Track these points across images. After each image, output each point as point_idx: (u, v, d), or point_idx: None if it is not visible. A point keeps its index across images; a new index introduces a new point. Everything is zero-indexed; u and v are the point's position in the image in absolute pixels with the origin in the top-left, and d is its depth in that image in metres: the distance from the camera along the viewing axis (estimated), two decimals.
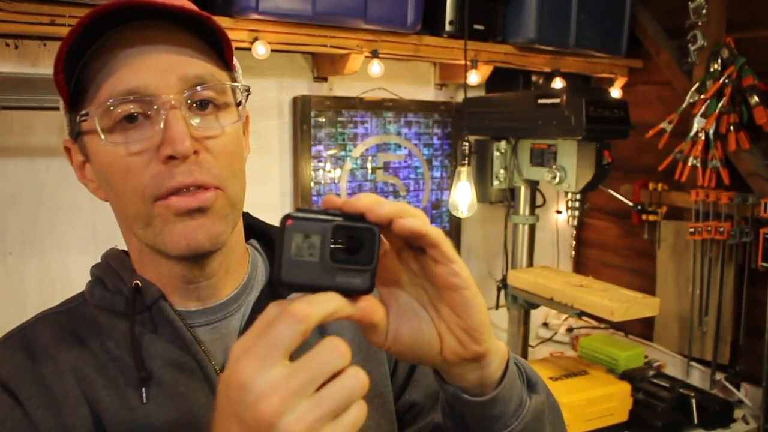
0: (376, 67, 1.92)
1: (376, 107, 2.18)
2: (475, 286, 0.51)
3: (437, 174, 2.35)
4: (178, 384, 0.65)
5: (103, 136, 0.60)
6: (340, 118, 2.12)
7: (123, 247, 0.73)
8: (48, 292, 1.69)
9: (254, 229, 0.80)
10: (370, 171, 2.20)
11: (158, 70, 0.59)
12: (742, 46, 2.09)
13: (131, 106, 0.59)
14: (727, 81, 2.07)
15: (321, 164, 2.09)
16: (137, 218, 0.63)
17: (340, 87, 2.12)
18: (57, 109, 0.72)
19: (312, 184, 2.09)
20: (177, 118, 0.59)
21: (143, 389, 0.64)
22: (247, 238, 0.77)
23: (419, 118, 2.28)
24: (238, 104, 0.67)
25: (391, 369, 0.76)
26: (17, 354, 0.65)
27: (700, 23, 2.15)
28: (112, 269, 0.70)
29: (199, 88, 0.61)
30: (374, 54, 1.88)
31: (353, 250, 0.47)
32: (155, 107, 0.59)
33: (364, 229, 0.47)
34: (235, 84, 0.66)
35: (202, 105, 0.62)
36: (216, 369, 0.67)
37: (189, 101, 0.61)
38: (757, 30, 2.09)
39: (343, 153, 2.14)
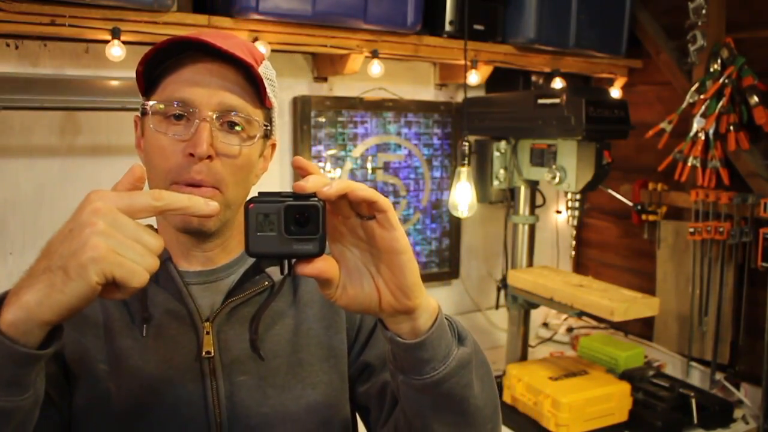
0: (376, 67, 1.92)
1: (376, 107, 2.18)
2: (411, 252, 0.63)
3: (437, 174, 2.35)
4: (171, 327, 0.84)
5: (152, 125, 0.79)
6: (340, 118, 2.12)
7: None
8: None
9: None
10: (370, 171, 2.20)
11: (207, 92, 0.79)
12: (741, 46, 2.09)
13: (179, 110, 0.79)
14: (726, 81, 2.07)
15: (321, 164, 2.09)
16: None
17: (340, 87, 2.12)
18: (57, 109, 0.76)
19: None
20: (205, 128, 0.77)
21: (144, 326, 0.83)
22: None
23: (419, 118, 2.28)
24: (266, 136, 0.86)
25: (352, 337, 0.93)
26: None
27: (699, 23, 2.15)
28: None
29: (231, 113, 0.80)
30: (374, 54, 1.88)
31: (303, 223, 0.58)
32: (194, 115, 0.78)
33: (309, 206, 0.58)
34: (255, 114, 0.83)
35: (231, 125, 0.80)
36: (202, 318, 0.84)
37: (221, 121, 0.80)
38: (757, 30, 2.09)
39: (343, 153, 2.14)
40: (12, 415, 0.59)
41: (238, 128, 0.81)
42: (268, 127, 0.86)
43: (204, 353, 0.83)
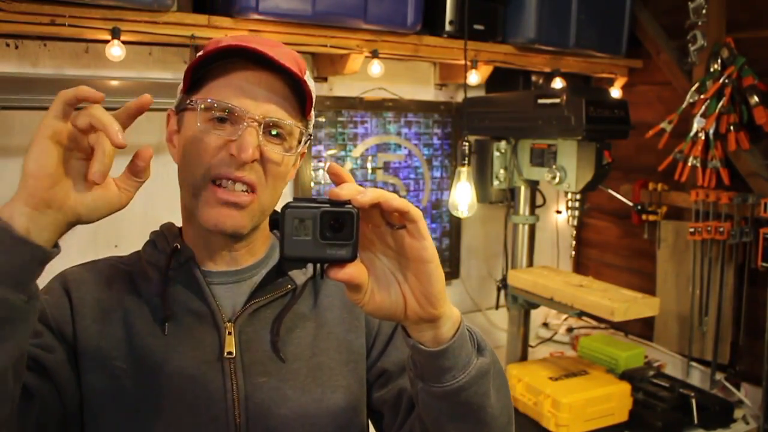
0: (376, 67, 1.92)
1: (376, 107, 2.18)
2: (438, 261, 0.64)
3: (437, 174, 2.35)
4: (192, 326, 0.85)
5: (199, 122, 0.80)
6: (340, 118, 2.12)
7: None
8: None
9: (279, 222, 0.93)
10: (370, 171, 2.20)
11: (254, 103, 0.80)
12: (742, 46, 2.09)
13: (225, 114, 0.80)
14: (727, 81, 2.07)
15: (321, 164, 2.09)
16: (191, 186, 0.82)
17: (340, 87, 2.12)
18: None
19: (312, 184, 2.09)
20: (251, 133, 0.78)
21: (166, 324, 0.84)
22: (273, 228, 0.96)
23: (419, 118, 2.28)
24: (303, 143, 0.87)
25: (370, 342, 0.94)
26: (89, 275, 0.88)
27: (700, 23, 2.15)
28: (163, 234, 0.90)
29: (275, 125, 0.82)
30: (374, 54, 1.88)
31: (337, 229, 0.60)
32: (241, 119, 0.79)
33: (344, 213, 0.60)
34: (298, 125, 0.84)
35: (271, 134, 0.82)
36: (224, 318, 0.85)
37: (265, 130, 0.81)
38: (757, 30, 2.09)
39: (343, 153, 2.14)
40: (19, 318, 0.63)
41: (280, 138, 0.82)
42: (311, 137, 0.88)
43: (225, 353, 0.84)
